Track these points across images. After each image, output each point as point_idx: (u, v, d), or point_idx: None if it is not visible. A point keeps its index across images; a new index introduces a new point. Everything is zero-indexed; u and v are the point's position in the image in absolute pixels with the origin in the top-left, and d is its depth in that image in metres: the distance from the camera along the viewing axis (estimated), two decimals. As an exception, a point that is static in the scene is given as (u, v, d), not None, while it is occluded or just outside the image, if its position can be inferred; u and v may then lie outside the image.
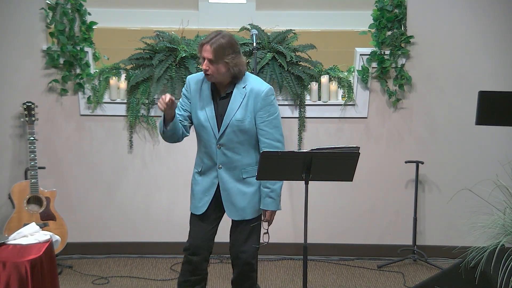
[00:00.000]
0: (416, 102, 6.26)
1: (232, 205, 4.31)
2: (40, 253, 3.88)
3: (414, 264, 6.15)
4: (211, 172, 4.29)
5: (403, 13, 6.13)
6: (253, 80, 4.28)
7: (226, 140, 4.22)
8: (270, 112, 4.25)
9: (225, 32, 4.20)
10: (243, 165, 4.27)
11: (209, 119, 4.21)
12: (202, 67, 4.15)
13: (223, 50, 4.10)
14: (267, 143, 4.25)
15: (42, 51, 6.07)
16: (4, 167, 6.08)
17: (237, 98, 4.21)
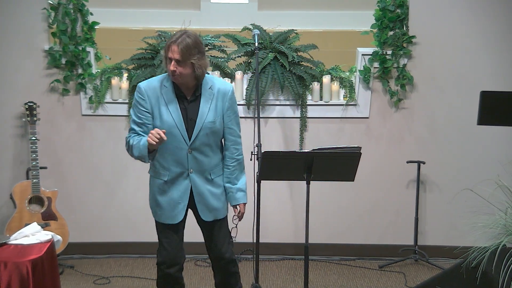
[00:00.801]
0: (418, 102, 6.26)
1: (206, 208, 4.27)
2: (41, 253, 3.88)
3: (416, 264, 6.15)
4: (181, 179, 4.22)
5: (405, 13, 6.12)
6: (215, 80, 4.27)
7: (199, 144, 4.18)
8: (235, 110, 4.30)
9: (190, 32, 4.15)
10: (211, 167, 4.26)
11: (178, 125, 4.13)
12: (170, 68, 4.07)
13: (190, 50, 4.05)
14: (233, 140, 4.30)
15: (44, 51, 6.07)
16: (5, 167, 6.08)
17: (206, 100, 4.18)
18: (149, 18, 6.51)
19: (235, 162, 4.32)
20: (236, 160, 4.32)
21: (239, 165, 4.35)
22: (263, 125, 6.15)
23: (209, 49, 6.19)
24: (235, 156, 4.31)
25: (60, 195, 5.93)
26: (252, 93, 6.09)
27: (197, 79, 4.16)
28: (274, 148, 5.98)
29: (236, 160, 4.32)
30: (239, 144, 4.34)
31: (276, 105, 6.24)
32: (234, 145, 4.30)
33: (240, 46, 6.18)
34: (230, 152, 4.30)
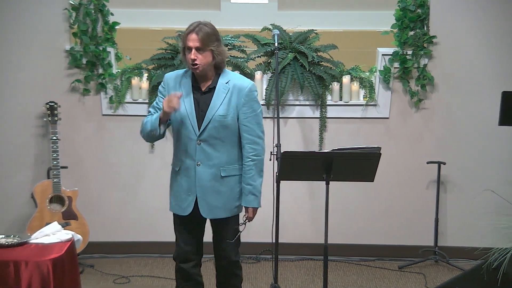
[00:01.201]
0: (438, 102, 6.22)
1: (205, 203, 4.20)
2: (62, 252, 3.90)
3: (436, 265, 6.12)
4: (190, 171, 4.19)
5: (426, 13, 6.09)
6: (235, 76, 4.24)
7: (207, 136, 4.14)
8: (254, 108, 4.19)
9: (207, 22, 4.15)
10: (222, 163, 4.18)
11: (189, 114, 4.14)
12: (190, 57, 4.06)
13: (209, 37, 4.05)
14: (250, 139, 4.19)
15: (65, 51, 6.11)
16: (27, 166, 6.12)
17: (220, 93, 4.15)
18: (169, 18, 6.52)
19: (250, 161, 4.19)
20: (252, 160, 4.19)
21: (256, 166, 4.22)
22: (282, 125, 6.15)
23: (229, 49, 6.20)
24: (251, 156, 4.19)
25: (80, 194, 5.96)
26: (272, 93, 6.09)
27: (217, 68, 4.14)
28: (294, 148, 5.96)
29: (252, 160, 4.19)
30: (257, 144, 4.22)
31: (295, 105, 6.24)
32: (250, 144, 4.19)
33: (259, 46, 6.18)
34: (246, 150, 4.20)
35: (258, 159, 4.22)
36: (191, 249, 4.30)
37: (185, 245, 4.29)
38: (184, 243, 4.29)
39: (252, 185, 4.22)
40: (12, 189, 6.08)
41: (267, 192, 5.67)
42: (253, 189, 4.22)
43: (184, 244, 4.29)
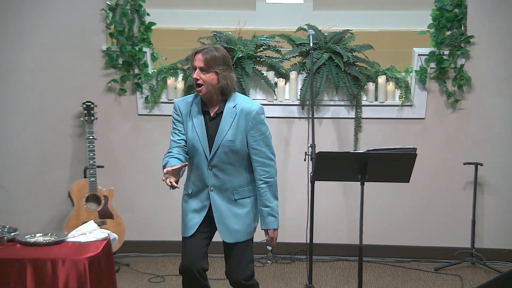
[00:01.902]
0: (475, 103, 6.16)
1: (226, 228, 4.18)
2: (98, 250, 3.93)
3: (472, 267, 6.05)
4: (201, 194, 4.20)
5: (463, 13, 6.03)
6: (243, 100, 4.19)
7: (218, 161, 4.13)
8: (262, 131, 4.14)
9: (219, 46, 4.16)
10: (234, 187, 4.16)
11: (201, 140, 4.14)
12: (193, 76, 4.08)
13: (214, 60, 4.05)
14: (261, 162, 4.15)
15: (101, 52, 6.17)
16: (64, 165, 6.19)
17: (227, 118, 4.13)
18: (205, 19, 6.55)
19: (263, 184, 4.15)
20: (265, 183, 4.15)
21: (270, 188, 4.17)
22: (317, 125, 6.14)
23: (264, 49, 6.20)
24: (263, 178, 4.15)
25: (116, 193, 6.01)
26: (307, 93, 6.07)
27: (223, 92, 4.12)
28: (328, 149, 5.96)
29: (265, 183, 4.15)
30: (269, 166, 4.16)
31: (330, 105, 6.22)
32: (261, 167, 4.15)
33: (295, 46, 6.17)
34: (257, 173, 4.16)
35: (271, 181, 4.18)
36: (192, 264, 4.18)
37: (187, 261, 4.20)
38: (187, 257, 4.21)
39: (270, 207, 4.18)
40: (50, 188, 6.15)
41: (302, 193, 5.68)
42: (271, 210, 4.19)
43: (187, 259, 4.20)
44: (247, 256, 4.24)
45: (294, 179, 6.20)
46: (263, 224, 4.20)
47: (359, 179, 4.52)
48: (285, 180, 6.27)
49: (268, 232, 4.21)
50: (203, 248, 4.23)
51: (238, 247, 4.22)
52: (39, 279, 3.75)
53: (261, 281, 5.74)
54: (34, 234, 4.14)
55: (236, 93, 4.20)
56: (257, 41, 6.16)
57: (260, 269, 6.02)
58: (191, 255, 4.19)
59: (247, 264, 4.23)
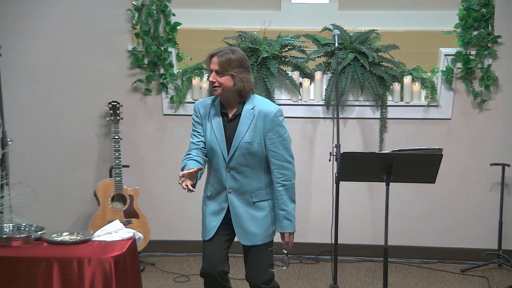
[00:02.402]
0: (503, 103, 6.11)
1: (243, 231, 4.17)
2: (123, 250, 3.95)
3: (499, 269, 6.00)
4: (220, 197, 4.18)
5: (491, 13, 5.98)
6: (261, 101, 4.16)
7: (235, 163, 4.12)
8: (280, 133, 4.10)
9: (236, 48, 4.15)
10: (252, 189, 4.13)
11: (219, 142, 4.13)
12: (210, 79, 4.09)
13: (230, 63, 4.04)
14: (278, 165, 4.11)
15: (127, 52, 6.20)
16: (90, 165, 6.23)
17: (245, 120, 4.11)
18: (230, 19, 6.55)
19: (280, 187, 4.11)
20: (282, 185, 4.11)
21: (287, 191, 4.13)
22: (342, 125, 6.12)
23: (289, 49, 6.20)
24: (281, 181, 4.11)
25: (141, 193, 6.04)
26: (332, 93, 6.06)
27: (240, 94, 4.10)
28: (353, 149, 5.94)
29: (282, 185, 4.11)
30: (286, 169, 4.11)
31: (355, 105, 6.20)
32: (278, 169, 4.11)
33: (320, 46, 6.16)
34: (275, 176, 4.12)
35: (289, 183, 4.13)
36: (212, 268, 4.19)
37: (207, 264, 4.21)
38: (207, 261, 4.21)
39: (286, 210, 4.13)
40: (76, 187, 6.19)
41: (326, 193, 5.67)
42: (287, 214, 4.14)
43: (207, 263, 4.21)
44: (265, 259, 4.21)
45: (318, 179, 6.19)
46: (279, 228, 4.17)
47: (384, 179, 4.50)
48: (310, 180, 6.26)
49: (284, 236, 4.17)
50: (223, 251, 4.22)
51: (256, 250, 4.19)
52: (66, 278, 3.78)
53: (286, 281, 5.74)
54: (60, 233, 4.17)
55: (254, 95, 4.18)
56: (282, 41, 6.15)
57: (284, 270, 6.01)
58: (211, 259, 4.19)
59: (266, 268, 4.20)
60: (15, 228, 4.24)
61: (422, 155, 4.48)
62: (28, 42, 5.93)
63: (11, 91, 5.62)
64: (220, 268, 4.17)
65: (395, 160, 4.42)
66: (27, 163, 5.62)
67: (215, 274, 4.17)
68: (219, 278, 4.18)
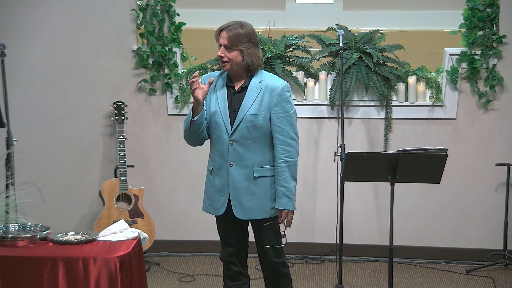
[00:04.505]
0: (508, 103, 6.10)
1: (239, 204, 4.15)
2: (128, 250, 3.95)
3: (505, 270, 5.99)
4: (222, 171, 4.17)
5: (496, 13, 5.97)
6: (269, 76, 4.17)
7: (239, 136, 4.10)
8: (286, 108, 4.09)
9: (245, 23, 4.14)
10: (254, 164, 4.11)
11: (222, 114, 4.12)
12: (218, 53, 4.10)
13: (239, 37, 4.04)
14: (282, 140, 4.08)
15: (132, 52, 6.20)
16: (95, 165, 6.24)
17: (252, 93, 4.10)
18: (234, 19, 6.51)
19: (282, 162, 4.07)
20: (284, 161, 4.08)
21: (289, 168, 4.09)
22: (347, 125, 6.12)
23: (293, 49, 6.20)
24: (283, 157, 4.07)
25: (146, 193, 6.05)
26: (336, 93, 6.06)
27: (248, 69, 4.11)
28: (358, 149, 5.94)
29: (284, 161, 4.08)
30: (290, 146, 4.09)
31: (360, 105, 6.19)
32: (282, 145, 4.08)
33: (324, 47, 6.15)
34: (277, 151, 4.09)
35: (291, 161, 4.10)
36: (233, 250, 4.29)
37: (227, 246, 4.31)
38: (226, 244, 4.31)
39: (286, 187, 4.10)
40: (81, 187, 6.20)
41: (331, 193, 5.67)
42: (287, 191, 4.10)
43: (226, 245, 4.31)
44: (273, 234, 4.20)
45: (323, 179, 6.19)
46: (277, 204, 4.13)
47: (389, 179, 4.50)
48: (315, 180, 6.26)
49: (282, 213, 4.14)
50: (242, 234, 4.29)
51: (259, 228, 4.20)
52: (71, 278, 3.78)
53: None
54: (66, 233, 4.17)
55: (263, 70, 4.19)
56: (287, 41, 6.15)
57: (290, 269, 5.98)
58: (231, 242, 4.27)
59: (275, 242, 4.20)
60: (20, 228, 4.24)
61: (427, 155, 4.47)
62: (33, 42, 5.94)
63: (16, 91, 5.63)
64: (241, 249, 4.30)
65: (400, 160, 4.41)
66: (32, 162, 5.62)
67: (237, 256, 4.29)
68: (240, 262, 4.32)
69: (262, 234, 4.23)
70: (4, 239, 3.99)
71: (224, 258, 4.34)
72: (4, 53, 5.18)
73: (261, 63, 4.17)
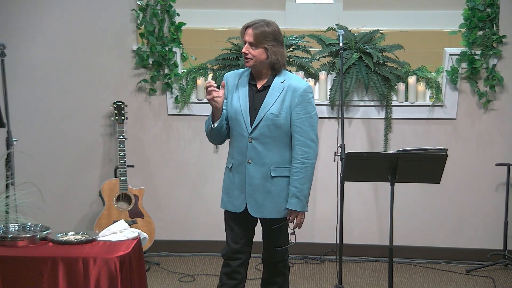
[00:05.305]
0: (508, 103, 6.10)
1: (254, 201, 4.16)
2: (128, 250, 3.95)
3: (505, 269, 5.99)
4: (242, 168, 4.17)
5: (496, 13, 5.97)
6: (292, 77, 4.18)
7: (259, 134, 4.10)
8: (307, 110, 4.09)
9: (271, 21, 4.14)
10: (272, 163, 4.11)
11: (243, 111, 4.13)
12: (243, 50, 4.10)
13: (264, 35, 4.05)
14: (301, 141, 4.08)
15: (132, 52, 6.20)
16: (95, 165, 6.24)
17: (274, 92, 4.11)
18: (234, 19, 6.54)
19: (299, 163, 4.08)
20: (301, 162, 4.08)
21: (305, 169, 4.09)
22: (347, 125, 6.12)
23: (293, 49, 6.20)
24: (300, 158, 4.08)
25: (146, 193, 6.04)
26: (336, 93, 6.06)
27: (272, 67, 4.13)
28: (358, 149, 5.94)
29: (301, 162, 4.08)
30: (309, 147, 4.09)
31: (360, 105, 6.19)
32: (301, 146, 4.08)
33: (324, 47, 6.16)
34: (296, 152, 4.09)
35: (308, 162, 4.10)
36: (239, 247, 4.29)
37: (234, 243, 4.30)
38: (233, 241, 4.31)
39: (298, 188, 4.11)
40: (81, 187, 6.20)
41: (331, 193, 5.67)
42: (298, 192, 4.11)
43: (233, 242, 4.30)
44: (280, 234, 4.22)
45: (323, 179, 6.18)
46: (287, 203, 4.15)
47: (389, 180, 4.50)
48: (315, 180, 6.17)
49: (291, 213, 4.15)
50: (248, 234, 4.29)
51: (270, 225, 4.20)
52: (71, 278, 3.78)
53: (291, 281, 5.72)
54: (65, 233, 4.17)
55: (286, 71, 4.20)
56: (287, 41, 6.15)
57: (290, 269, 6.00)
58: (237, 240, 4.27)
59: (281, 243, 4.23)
60: (20, 228, 4.24)
61: (427, 155, 4.47)
62: (33, 42, 5.94)
63: (16, 90, 5.63)
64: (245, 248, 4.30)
65: (400, 160, 4.41)
66: (32, 162, 5.62)
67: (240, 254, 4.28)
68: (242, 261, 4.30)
69: (272, 235, 4.25)
70: (4, 239, 3.99)
71: (227, 255, 4.34)
72: (4, 53, 5.18)
73: (285, 62, 4.18)
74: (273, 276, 4.37)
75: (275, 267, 4.33)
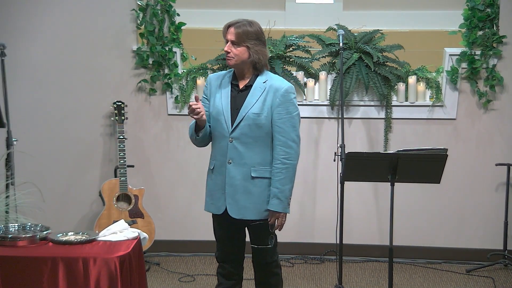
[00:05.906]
0: (508, 103, 6.10)
1: (234, 202, 4.11)
2: (128, 250, 3.95)
3: (505, 269, 5.99)
4: (223, 169, 4.14)
5: (496, 13, 5.98)
6: (274, 77, 4.16)
7: (240, 133, 4.08)
8: (289, 110, 4.06)
9: (254, 21, 4.13)
10: (253, 163, 4.08)
11: (224, 111, 4.11)
12: (225, 48, 4.09)
13: (246, 34, 4.04)
14: (282, 141, 4.05)
15: (132, 52, 6.20)
16: (95, 165, 6.24)
17: (256, 92, 4.09)
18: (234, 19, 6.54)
19: (280, 164, 4.04)
20: (282, 163, 4.04)
21: (286, 170, 4.04)
22: (347, 125, 6.12)
23: (293, 49, 6.20)
24: (281, 158, 4.03)
25: (146, 193, 6.04)
26: (336, 93, 6.06)
27: (254, 67, 4.11)
28: (358, 149, 5.94)
29: (282, 163, 4.04)
30: (290, 148, 4.05)
31: (360, 105, 6.19)
32: (282, 146, 4.04)
33: (324, 47, 6.16)
34: (276, 152, 4.05)
35: (290, 163, 4.06)
36: (230, 250, 4.27)
37: (224, 246, 4.28)
38: (222, 244, 4.29)
39: (279, 188, 4.05)
40: (81, 187, 6.20)
41: (331, 193, 5.67)
42: (279, 192, 4.06)
43: (222, 246, 4.28)
44: (265, 234, 4.16)
45: (323, 179, 6.19)
46: (268, 204, 4.10)
47: (389, 180, 4.50)
48: (315, 180, 6.26)
49: (272, 214, 4.10)
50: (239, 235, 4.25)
51: (253, 228, 4.17)
52: (71, 278, 3.78)
53: (291, 281, 5.74)
54: (65, 233, 4.17)
55: (269, 71, 4.19)
56: (287, 41, 6.15)
57: (290, 269, 6.02)
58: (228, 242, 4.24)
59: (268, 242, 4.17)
60: (20, 228, 4.24)
61: (427, 155, 4.47)
62: (33, 42, 5.94)
63: (16, 90, 5.64)
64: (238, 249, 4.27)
65: (400, 160, 4.41)
66: (32, 162, 5.62)
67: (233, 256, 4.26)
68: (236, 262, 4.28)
69: (251, 234, 4.24)
70: (4, 239, 3.99)
71: (220, 258, 4.32)
72: (4, 53, 5.18)
73: (267, 62, 4.17)
74: (267, 277, 4.34)
75: (267, 268, 4.30)
